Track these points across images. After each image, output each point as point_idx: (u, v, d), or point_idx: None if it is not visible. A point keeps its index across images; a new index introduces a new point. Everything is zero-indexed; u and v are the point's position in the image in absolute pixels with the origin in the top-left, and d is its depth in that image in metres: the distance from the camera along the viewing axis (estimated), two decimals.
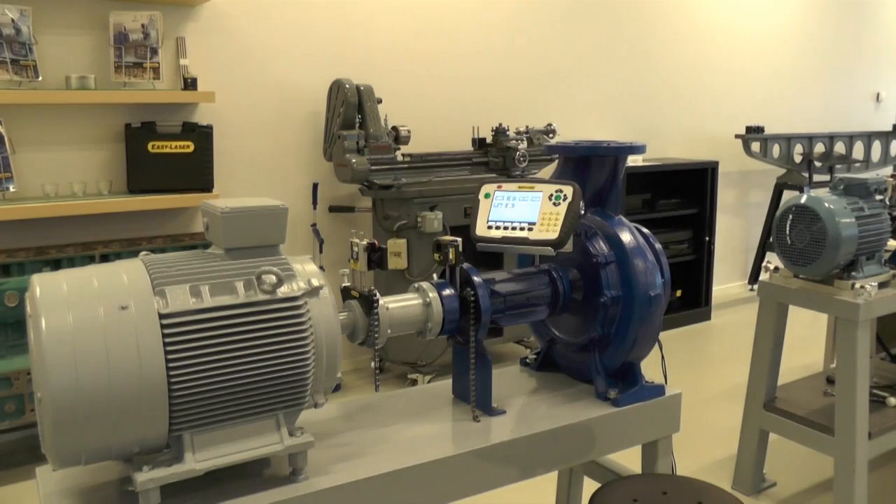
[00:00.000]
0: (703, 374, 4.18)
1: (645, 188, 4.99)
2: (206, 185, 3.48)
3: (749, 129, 5.35)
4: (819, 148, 5.72)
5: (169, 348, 1.23)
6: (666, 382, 1.82)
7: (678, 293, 5.11)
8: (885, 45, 6.76)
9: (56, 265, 3.20)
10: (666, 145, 5.41)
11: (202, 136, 3.46)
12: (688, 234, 5.09)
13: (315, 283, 1.37)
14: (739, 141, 5.35)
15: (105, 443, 1.21)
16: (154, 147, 3.38)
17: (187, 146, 3.43)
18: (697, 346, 4.75)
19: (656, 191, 5.04)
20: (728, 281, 5.92)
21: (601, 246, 1.73)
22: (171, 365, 1.22)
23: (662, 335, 1.79)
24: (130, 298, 1.23)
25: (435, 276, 1.67)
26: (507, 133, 4.10)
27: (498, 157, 4.05)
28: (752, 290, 5.78)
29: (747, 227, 6.02)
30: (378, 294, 1.51)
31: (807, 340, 4.30)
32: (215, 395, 1.27)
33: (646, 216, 4.76)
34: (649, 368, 1.81)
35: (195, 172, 3.45)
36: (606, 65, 5.06)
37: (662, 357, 1.88)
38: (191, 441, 1.27)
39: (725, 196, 5.74)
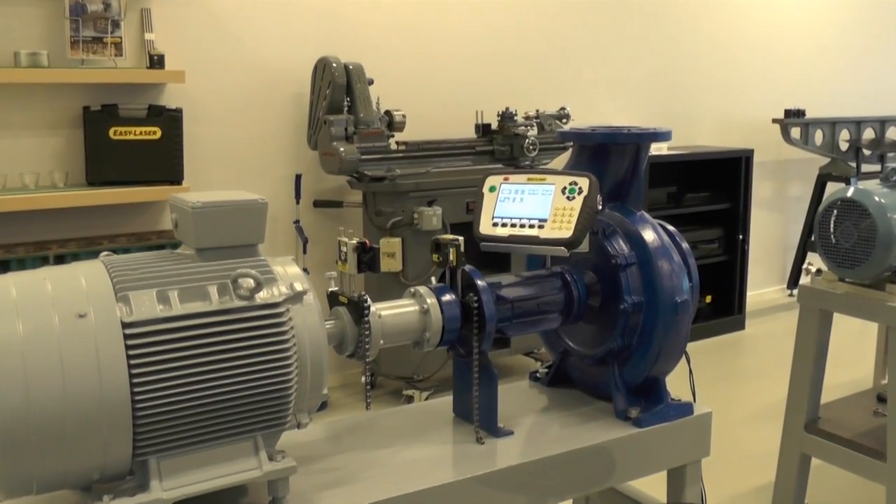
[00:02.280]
0: (736, 390, 4.18)
1: (670, 180, 4.99)
2: (175, 177, 3.48)
3: (788, 113, 5.35)
4: (868, 134, 5.72)
5: (133, 361, 1.23)
6: (694, 400, 1.82)
7: (708, 299, 5.11)
8: None
9: (4, 267, 3.20)
10: (694, 132, 5.41)
11: (170, 120, 3.47)
12: (719, 233, 5.09)
13: (298, 287, 1.37)
14: (777, 126, 5.35)
15: (60, 469, 1.21)
16: (116, 133, 3.38)
17: (154, 132, 3.43)
18: (730, 359, 4.75)
19: (683, 183, 5.04)
20: (764, 285, 5.93)
21: (621, 245, 1.73)
22: (135, 380, 1.22)
23: (690, 346, 1.80)
24: (89, 305, 1.23)
25: (433, 279, 1.67)
26: (515, 118, 4.10)
27: (504, 145, 4.06)
28: (791, 295, 5.78)
29: (786, 223, 6.03)
30: (369, 300, 1.51)
31: (854, 353, 4.30)
32: (186, 414, 1.27)
33: (671, 212, 4.77)
34: (675, 384, 1.81)
35: (163, 162, 3.45)
36: (627, 41, 5.06)
37: (690, 371, 1.88)
38: (157, 467, 1.27)
39: (761, 189, 5.74)
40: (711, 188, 5.10)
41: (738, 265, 5.11)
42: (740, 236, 5.09)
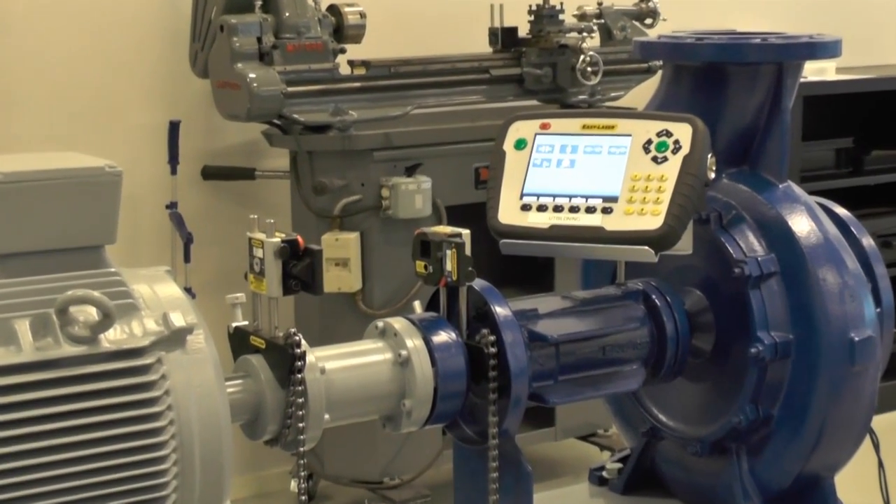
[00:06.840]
0: None
1: (842, 128, 5.00)
2: None
3: None
4: None
5: None
6: None
7: None
8: None
9: None
10: (883, 42, 5.43)
11: None
12: None
13: (177, 321, 1.38)
14: None
15: None
16: None
17: None
18: None
19: (864, 133, 5.05)
20: None
21: (750, 243, 1.75)
22: None
23: (878, 420, 1.82)
24: None
25: (417, 305, 1.68)
26: (560, 18, 4.11)
27: (542, 66, 4.07)
28: None
29: None
30: (304, 342, 1.52)
31: None
32: None
33: (844, 182, 4.77)
34: (852, 487, 1.83)
35: None
36: None
37: (880, 463, 1.90)
38: None
39: None
40: None
41: None
42: None
